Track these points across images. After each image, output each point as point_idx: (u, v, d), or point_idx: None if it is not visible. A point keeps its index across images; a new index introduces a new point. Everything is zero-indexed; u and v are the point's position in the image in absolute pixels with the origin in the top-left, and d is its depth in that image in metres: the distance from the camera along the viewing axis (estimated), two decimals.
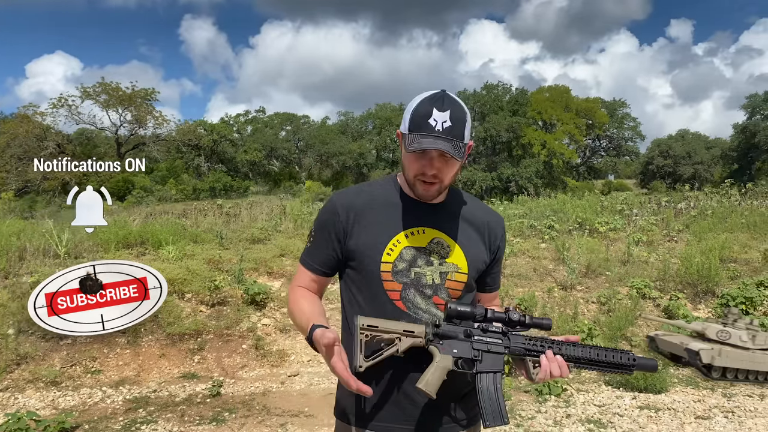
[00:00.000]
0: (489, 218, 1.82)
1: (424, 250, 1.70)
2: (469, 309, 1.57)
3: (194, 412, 5.15)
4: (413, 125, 1.59)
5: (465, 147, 1.60)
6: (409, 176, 1.67)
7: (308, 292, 1.78)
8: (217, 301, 7.15)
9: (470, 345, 1.58)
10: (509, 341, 1.61)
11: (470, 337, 1.58)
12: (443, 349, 1.56)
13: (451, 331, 1.57)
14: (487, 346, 1.59)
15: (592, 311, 7.84)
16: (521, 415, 5.09)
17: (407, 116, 1.63)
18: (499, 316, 1.60)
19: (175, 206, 18.65)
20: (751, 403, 5.45)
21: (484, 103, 44.46)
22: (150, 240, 8.83)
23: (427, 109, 1.58)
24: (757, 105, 46.68)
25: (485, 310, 1.58)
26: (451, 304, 1.56)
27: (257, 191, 33.91)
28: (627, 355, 1.63)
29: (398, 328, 1.54)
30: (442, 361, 1.54)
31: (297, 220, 12.03)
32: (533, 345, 1.61)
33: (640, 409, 5.30)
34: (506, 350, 1.60)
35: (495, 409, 1.57)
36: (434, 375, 1.52)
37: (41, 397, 5.39)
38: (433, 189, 1.66)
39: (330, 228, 1.72)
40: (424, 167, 1.62)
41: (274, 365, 6.48)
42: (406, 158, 1.67)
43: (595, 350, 1.63)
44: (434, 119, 1.56)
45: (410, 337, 1.54)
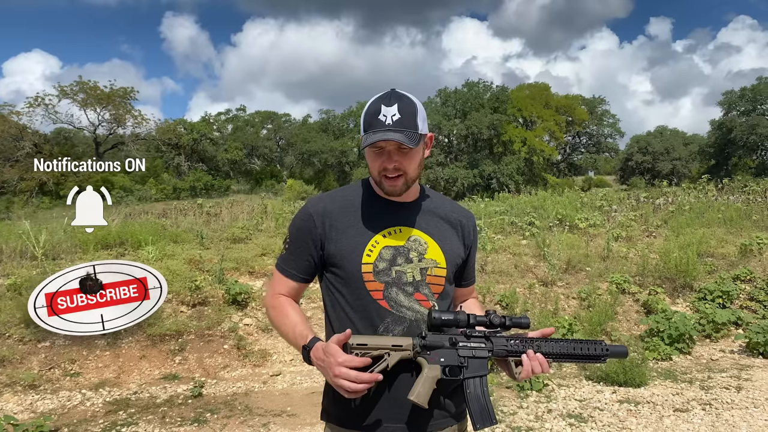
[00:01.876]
0: (461, 215, 1.90)
1: (402, 248, 1.74)
2: (452, 317, 1.61)
3: (176, 414, 5.11)
4: (366, 125, 1.66)
5: (420, 136, 1.66)
6: (374, 174, 1.73)
7: (290, 300, 1.81)
8: (198, 301, 7.10)
9: (456, 352, 1.63)
10: (492, 344, 1.66)
11: (455, 345, 1.63)
12: (431, 359, 1.61)
13: (437, 341, 1.62)
14: (472, 351, 1.64)
15: (573, 307, 7.91)
16: (503, 411, 5.13)
17: (363, 117, 1.69)
18: (480, 320, 1.65)
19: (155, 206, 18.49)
20: (728, 396, 5.54)
21: (466, 101, 44.60)
22: (129, 240, 8.74)
23: (376, 107, 1.65)
24: (734, 101, 47.36)
25: (467, 316, 1.63)
26: (435, 314, 1.60)
27: (238, 190, 33.72)
28: (600, 345, 1.70)
29: (387, 343, 1.59)
30: (431, 371, 1.60)
31: (278, 219, 11.98)
32: (514, 346, 1.66)
33: (620, 403, 5.36)
34: (490, 354, 1.66)
35: (483, 411, 1.64)
36: (424, 386, 1.58)
37: (19, 401, 5.31)
38: (399, 183, 1.70)
39: (306, 235, 1.75)
40: (384, 162, 1.68)
41: (256, 365, 6.45)
42: (368, 158, 1.73)
43: (571, 344, 1.70)
44: (383, 115, 1.63)
45: (399, 351, 1.59)
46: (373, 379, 1.51)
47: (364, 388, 1.51)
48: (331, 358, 1.52)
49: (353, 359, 1.52)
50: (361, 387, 1.50)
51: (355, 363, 1.52)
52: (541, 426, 4.84)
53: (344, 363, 1.51)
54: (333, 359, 1.52)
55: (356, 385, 1.49)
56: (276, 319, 1.79)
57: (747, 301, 8.25)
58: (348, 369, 1.50)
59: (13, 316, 6.14)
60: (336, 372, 1.50)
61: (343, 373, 1.49)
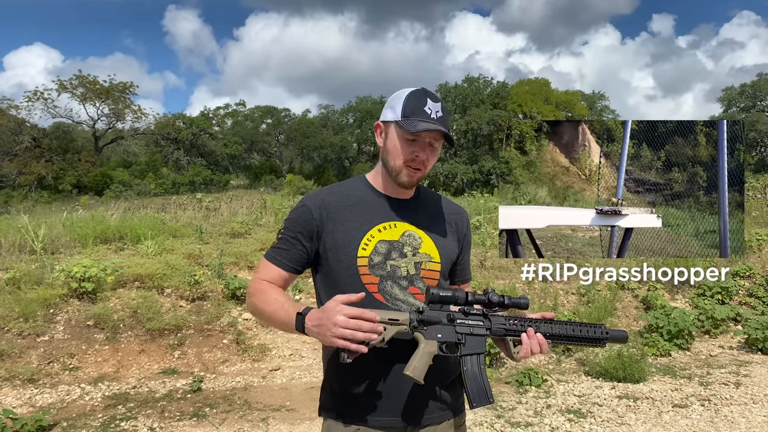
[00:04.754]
0: (455, 211, 1.92)
1: (397, 243, 1.75)
2: (451, 293, 1.60)
3: (175, 408, 5.11)
4: (408, 111, 1.67)
5: (450, 138, 1.71)
6: (397, 163, 1.71)
7: (274, 285, 1.75)
8: (197, 296, 7.09)
9: (453, 329, 1.61)
10: (490, 323, 1.64)
11: (453, 321, 1.61)
12: (428, 334, 1.58)
13: (434, 316, 1.60)
14: (470, 328, 1.62)
15: (572, 302, 7.92)
16: (502, 406, 5.13)
17: (398, 105, 1.70)
18: (479, 298, 1.63)
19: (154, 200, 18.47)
20: (727, 391, 5.55)
21: (465, 96, 44.51)
22: (128, 235, 8.73)
23: (421, 99, 1.68)
24: (733, 98, 47.29)
25: (466, 294, 1.62)
26: (433, 290, 1.59)
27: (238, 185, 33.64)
28: (600, 329, 1.69)
29: (383, 317, 1.55)
30: (428, 346, 1.57)
31: (278, 213, 11.97)
32: (513, 325, 1.65)
33: (619, 399, 5.37)
34: (488, 331, 1.64)
35: (480, 390, 1.62)
36: (421, 361, 1.55)
37: (18, 395, 5.31)
38: (417, 176, 1.73)
39: (302, 226, 1.74)
40: (417, 151, 1.69)
41: (255, 360, 6.45)
42: (396, 143, 1.70)
43: (571, 326, 1.69)
44: (429, 108, 1.67)
45: (395, 325, 1.56)
46: (376, 329, 1.45)
47: (365, 337, 1.44)
48: (329, 311, 1.47)
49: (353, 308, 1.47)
50: (362, 335, 1.43)
51: (354, 311, 1.45)
52: (540, 421, 4.84)
53: (346, 308, 1.45)
54: (333, 304, 1.47)
55: (359, 333, 1.43)
56: (259, 301, 1.71)
57: (746, 297, 8.26)
58: (348, 312, 1.44)
59: (12, 310, 6.13)
60: (335, 320, 1.44)
61: (343, 316, 1.43)
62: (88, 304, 6.48)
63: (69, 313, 6.36)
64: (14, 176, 29.30)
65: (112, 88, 34.70)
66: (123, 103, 35.48)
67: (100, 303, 6.50)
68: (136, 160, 38.49)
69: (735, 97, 47.53)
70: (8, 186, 28.95)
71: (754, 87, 46.23)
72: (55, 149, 31.88)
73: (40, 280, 6.73)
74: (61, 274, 6.60)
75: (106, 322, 6.27)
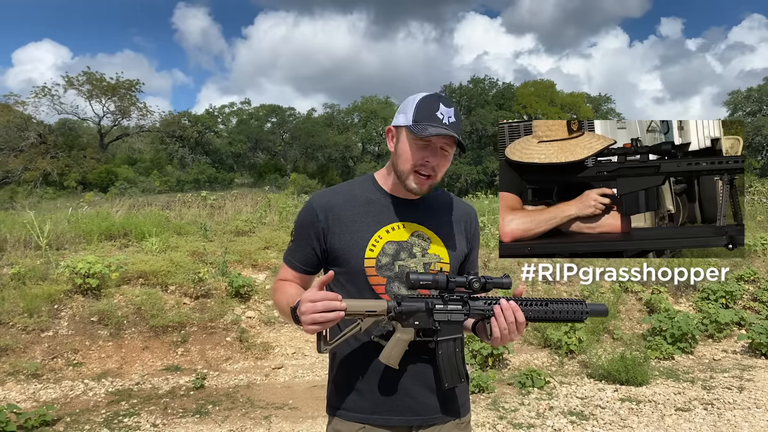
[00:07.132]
0: (464, 209, 1.90)
1: (405, 243, 1.74)
2: (431, 278, 1.60)
3: (177, 405, 5.13)
4: (420, 116, 1.66)
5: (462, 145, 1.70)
6: (406, 167, 1.70)
7: (292, 282, 1.82)
8: (201, 293, 7.11)
9: (432, 318, 1.62)
10: (468, 308, 1.64)
11: (431, 310, 1.62)
12: (405, 323, 1.61)
13: (413, 306, 1.61)
14: (448, 315, 1.63)
15: None
16: (504, 408, 5.13)
17: (410, 109, 1.68)
18: (459, 282, 1.63)
19: (158, 198, 18.49)
20: (730, 396, 5.53)
21: (471, 97, 44.50)
22: (133, 232, 8.75)
23: (434, 104, 1.67)
24: (739, 102, 47.13)
25: (446, 278, 1.61)
26: (412, 276, 1.59)
27: (242, 183, 33.69)
28: (580, 305, 1.68)
29: (361, 309, 1.58)
30: (404, 334, 1.61)
31: (282, 212, 11.97)
32: (488, 304, 1.64)
33: (621, 402, 5.36)
34: (465, 317, 1.65)
35: (453, 370, 1.64)
36: (396, 348, 1.60)
37: (22, 390, 5.33)
38: (427, 183, 1.71)
39: (309, 229, 1.76)
40: (428, 156, 1.67)
41: (259, 358, 6.46)
42: (407, 148, 1.70)
43: (552, 304, 1.68)
44: (441, 113, 1.66)
45: (372, 316, 1.59)
46: (329, 307, 1.47)
47: (323, 317, 1.47)
48: (300, 305, 1.50)
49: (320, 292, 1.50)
50: (319, 317, 1.46)
51: (319, 295, 1.49)
52: (543, 423, 4.84)
53: (310, 295, 1.48)
54: (303, 296, 1.50)
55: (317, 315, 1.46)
56: (276, 298, 1.81)
57: (750, 301, 8.24)
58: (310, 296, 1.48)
59: (17, 305, 6.16)
60: (302, 310, 1.47)
61: (308, 303, 1.47)
62: (93, 300, 6.50)
63: (73, 308, 6.39)
64: (20, 172, 29.42)
65: (118, 86, 34.81)
66: (129, 101, 35.57)
67: (104, 299, 6.53)
68: (140, 158, 38.60)
69: (741, 101, 47.35)
70: (14, 182, 29.05)
71: (760, 91, 46.04)
72: (60, 146, 32.01)
73: (44, 275, 6.75)
74: (66, 270, 6.62)
75: (110, 318, 6.29)
